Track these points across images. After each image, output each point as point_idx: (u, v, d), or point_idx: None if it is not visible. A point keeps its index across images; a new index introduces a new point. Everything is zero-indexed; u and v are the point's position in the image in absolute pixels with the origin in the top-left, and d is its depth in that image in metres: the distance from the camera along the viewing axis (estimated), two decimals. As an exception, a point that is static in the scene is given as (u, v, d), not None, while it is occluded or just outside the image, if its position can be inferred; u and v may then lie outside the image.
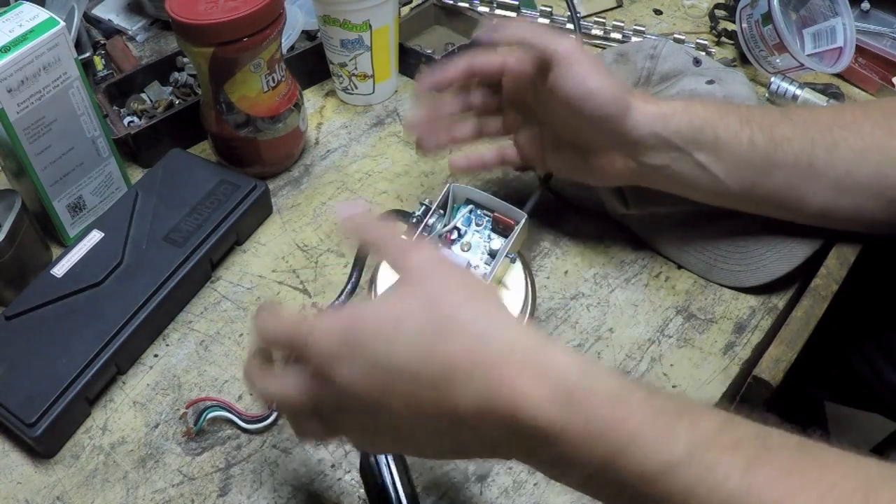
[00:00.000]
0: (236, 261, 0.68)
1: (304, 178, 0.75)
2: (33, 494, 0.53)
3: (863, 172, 0.55)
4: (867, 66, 0.82)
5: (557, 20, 0.89)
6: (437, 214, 0.56)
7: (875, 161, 0.55)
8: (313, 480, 0.53)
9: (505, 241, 0.56)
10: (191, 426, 0.55)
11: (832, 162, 0.55)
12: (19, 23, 0.58)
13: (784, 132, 0.55)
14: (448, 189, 0.56)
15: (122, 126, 0.75)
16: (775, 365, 0.55)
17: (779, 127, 0.55)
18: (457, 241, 0.56)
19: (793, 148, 0.55)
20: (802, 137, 0.55)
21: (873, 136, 0.55)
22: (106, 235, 0.63)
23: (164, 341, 0.62)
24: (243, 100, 0.68)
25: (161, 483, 0.53)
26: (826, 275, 0.60)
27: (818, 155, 0.55)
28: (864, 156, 0.55)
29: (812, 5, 0.82)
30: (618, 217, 0.66)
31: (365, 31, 0.75)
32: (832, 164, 0.55)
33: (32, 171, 0.63)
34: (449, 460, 0.44)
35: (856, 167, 0.55)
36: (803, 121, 0.56)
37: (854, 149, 0.55)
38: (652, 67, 0.67)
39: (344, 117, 0.81)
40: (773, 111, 0.57)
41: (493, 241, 0.56)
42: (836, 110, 0.57)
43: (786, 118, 0.56)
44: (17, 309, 0.59)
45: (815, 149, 0.55)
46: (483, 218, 0.57)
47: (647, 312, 0.62)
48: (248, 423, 0.55)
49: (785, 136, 0.55)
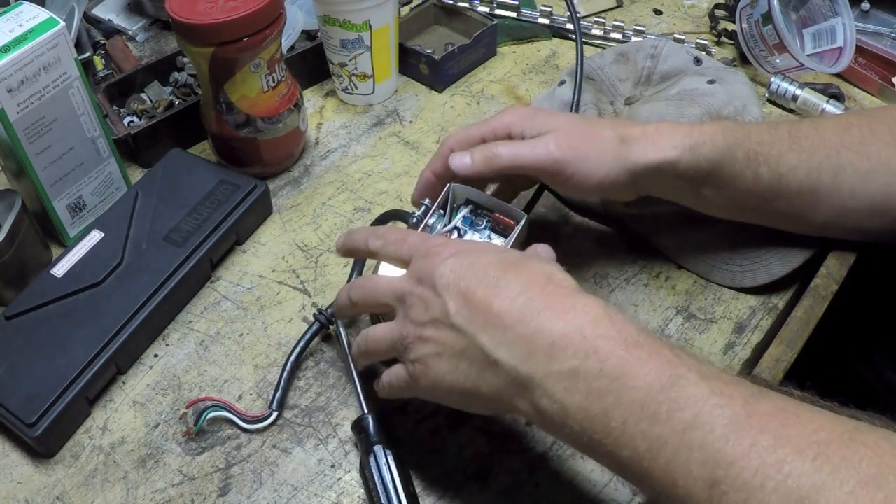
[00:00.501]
0: (236, 261, 0.68)
1: (304, 178, 0.75)
2: (33, 494, 0.53)
3: (868, 192, 0.55)
4: (867, 66, 0.82)
5: (557, 20, 0.89)
6: (437, 214, 0.56)
7: (882, 182, 0.55)
8: (313, 480, 0.53)
9: (505, 242, 0.56)
10: (191, 426, 0.55)
11: (836, 186, 0.55)
12: (19, 23, 0.58)
13: (790, 162, 0.55)
14: (448, 189, 0.56)
15: (122, 126, 0.75)
16: (775, 365, 0.55)
17: (786, 157, 0.55)
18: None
19: (797, 176, 0.55)
20: (808, 164, 0.55)
21: (880, 157, 0.55)
22: (106, 235, 0.63)
23: (164, 341, 0.62)
24: (243, 100, 0.68)
25: (161, 483, 0.53)
26: (826, 275, 0.60)
27: (823, 180, 0.55)
28: (870, 177, 0.55)
29: (812, 5, 0.82)
30: (617, 217, 0.66)
31: (365, 31, 0.75)
32: (836, 188, 0.55)
33: (32, 171, 0.63)
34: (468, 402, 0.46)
35: (861, 188, 0.55)
36: (811, 145, 0.55)
37: (860, 170, 0.55)
38: (652, 67, 0.67)
39: (344, 117, 0.81)
40: (783, 136, 0.55)
41: (493, 241, 0.56)
42: (843, 127, 0.56)
43: (794, 145, 0.55)
44: (17, 309, 0.59)
45: (821, 174, 0.55)
46: (483, 218, 0.57)
47: (647, 312, 0.62)
48: (248, 423, 0.55)
49: (791, 166, 0.55)
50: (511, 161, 0.54)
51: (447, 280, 0.44)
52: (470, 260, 0.45)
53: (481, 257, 0.45)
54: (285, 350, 0.60)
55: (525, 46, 0.89)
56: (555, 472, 0.53)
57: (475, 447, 0.54)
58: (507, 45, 0.89)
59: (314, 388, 0.58)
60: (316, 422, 0.56)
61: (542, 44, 0.89)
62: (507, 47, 0.89)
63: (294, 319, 0.63)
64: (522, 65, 0.87)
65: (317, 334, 0.59)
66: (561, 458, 0.53)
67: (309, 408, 0.57)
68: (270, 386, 0.58)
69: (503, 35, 0.89)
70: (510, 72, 0.86)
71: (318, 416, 0.56)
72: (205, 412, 0.55)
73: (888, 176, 0.55)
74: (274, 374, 0.59)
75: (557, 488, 0.52)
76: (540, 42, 0.90)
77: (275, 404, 0.56)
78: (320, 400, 0.57)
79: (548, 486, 0.52)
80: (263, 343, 0.61)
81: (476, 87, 0.84)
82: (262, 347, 0.61)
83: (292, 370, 0.58)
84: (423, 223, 0.55)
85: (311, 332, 0.59)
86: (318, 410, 0.57)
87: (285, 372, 0.57)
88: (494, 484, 0.52)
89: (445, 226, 0.56)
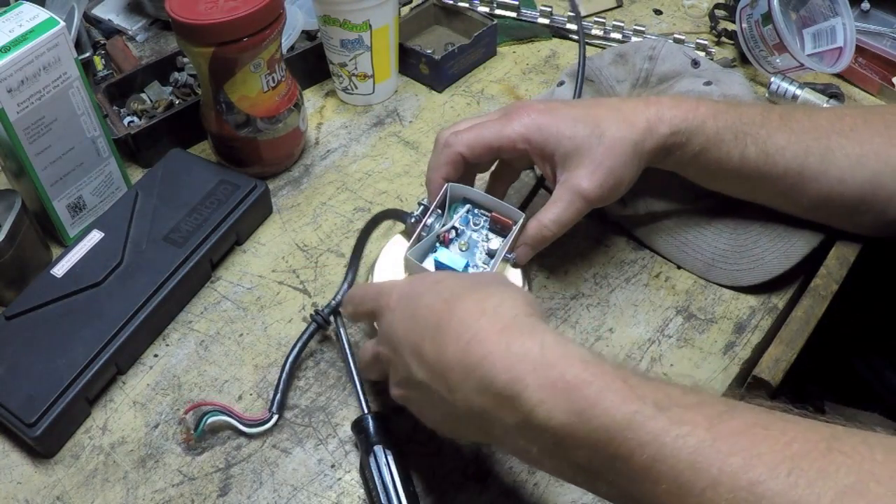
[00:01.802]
0: (236, 261, 0.68)
1: (304, 178, 0.75)
2: (33, 494, 0.53)
3: (857, 180, 0.55)
4: (867, 66, 0.82)
5: (557, 20, 0.89)
6: (434, 214, 0.56)
7: (871, 170, 0.55)
8: (313, 480, 0.53)
9: (503, 241, 0.56)
10: (191, 432, 0.54)
11: (824, 169, 0.55)
12: (19, 23, 0.58)
13: (779, 142, 0.55)
14: (446, 189, 0.56)
15: (122, 126, 0.75)
16: (775, 365, 0.55)
17: (774, 137, 0.55)
18: (454, 240, 0.57)
19: (784, 157, 0.55)
20: (797, 145, 0.55)
21: (872, 144, 0.55)
22: (106, 235, 0.63)
23: (164, 341, 0.62)
24: (243, 100, 0.68)
25: (161, 483, 0.53)
26: (826, 275, 0.60)
27: (810, 162, 0.55)
28: (861, 162, 0.55)
29: (812, 5, 0.82)
30: (615, 218, 0.66)
31: (365, 31, 0.75)
32: (824, 172, 0.55)
33: (32, 171, 0.63)
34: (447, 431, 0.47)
35: (850, 174, 0.55)
36: (801, 127, 0.56)
37: (850, 155, 0.55)
38: (650, 68, 0.67)
39: (344, 117, 0.81)
40: (774, 117, 0.56)
41: (492, 241, 0.56)
42: (836, 115, 0.57)
43: (784, 126, 0.56)
44: (17, 309, 0.59)
45: (808, 157, 0.55)
46: (481, 217, 0.57)
47: (647, 312, 0.62)
48: (248, 427, 0.55)
49: (779, 146, 0.55)
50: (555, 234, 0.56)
51: (398, 337, 0.45)
52: (411, 309, 0.45)
53: (420, 302, 0.45)
54: (285, 350, 0.60)
55: (525, 46, 0.89)
56: (555, 472, 0.53)
57: (475, 447, 0.54)
58: (507, 45, 0.89)
59: (314, 388, 0.58)
60: (316, 422, 0.56)
61: (542, 44, 0.89)
62: (507, 47, 0.89)
63: (294, 319, 0.63)
64: (522, 65, 0.87)
65: (314, 335, 0.59)
66: (561, 458, 0.53)
67: (309, 408, 0.57)
68: (270, 386, 0.58)
69: (503, 35, 0.89)
70: (510, 72, 0.86)
71: (318, 416, 0.56)
72: (204, 417, 0.54)
73: (878, 164, 0.55)
74: (274, 373, 0.59)
75: (557, 488, 0.52)
76: (540, 42, 0.90)
77: (275, 407, 0.56)
78: (320, 400, 0.57)
79: (548, 486, 0.52)
80: (263, 343, 0.61)
81: (476, 87, 0.84)
82: (262, 347, 0.61)
83: (291, 372, 0.58)
84: (421, 223, 0.55)
85: (309, 333, 0.59)
86: (318, 410, 0.57)
87: (284, 374, 0.57)
88: (494, 484, 0.52)
89: (444, 225, 0.56)
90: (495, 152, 0.56)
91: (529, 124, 0.54)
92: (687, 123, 0.54)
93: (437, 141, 0.58)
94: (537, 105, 0.56)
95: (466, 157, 0.56)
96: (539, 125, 0.54)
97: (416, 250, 0.55)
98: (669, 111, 0.55)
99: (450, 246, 0.57)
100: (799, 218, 0.61)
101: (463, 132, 0.56)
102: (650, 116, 0.54)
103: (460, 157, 0.56)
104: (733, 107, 0.56)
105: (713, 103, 0.56)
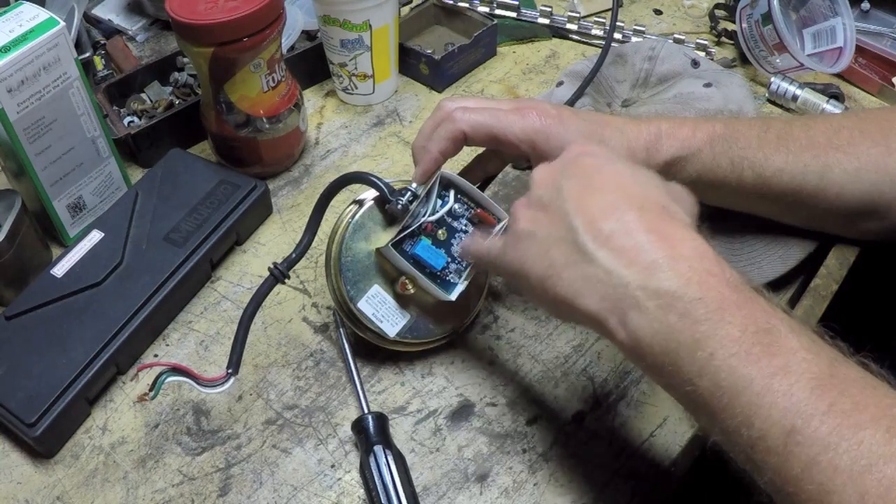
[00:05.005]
0: (236, 261, 0.68)
1: (304, 178, 0.75)
2: (33, 494, 0.53)
3: (855, 192, 0.55)
4: (867, 66, 0.82)
5: (557, 20, 0.89)
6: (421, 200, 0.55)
7: (869, 181, 0.55)
8: (313, 480, 0.53)
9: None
10: (147, 392, 0.51)
11: (822, 187, 0.55)
12: (19, 23, 0.58)
13: (776, 164, 0.55)
14: (437, 177, 0.55)
15: (122, 126, 0.75)
16: (775, 365, 0.55)
17: (771, 160, 0.55)
18: (434, 231, 0.55)
19: (781, 179, 0.56)
20: (794, 165, 0.55)
21: (869, 156, 0.55)
22: (106, 235, 0.63)
23: (164, 341, 0.62)
24: (243, 100, 0.68)
25: (161, 483, 0.53)
26: (826, 275, 0.60)
27: (808, 182, 0.55)
28: (859, 175, 0.55)
29: (812, 5, 0.82)
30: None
31: (365, 31, 0.75)
32: (822, 189, 0.56)
33: (32, 171, 0.63)
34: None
35: (849, 188, 0.55)
36: (798, 146, 0.56)
37: (848, 170, 0.55)
38: (650, 69, 0.67)
39: (344, 117, 0.81)
40: (771, 137, 0.56)
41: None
42: (833, 129, 0.57)
43: (781, 146, 0.56)
44: (17, 309, 0.59)
45: (806, 176, 0.55)
46: (466, 208, 0.56)
47: (647, 312, 0.62)
48: (205, 387, 0.52)
49: (776, 168, 0.55)
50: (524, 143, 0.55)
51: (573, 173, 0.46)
52: (599, 163, 0.46)
53: (607, 166, 0.46)
54: (285, 350, 0.60)
55: (525, 46, 0.89)
56: (555, 472, 0.53)
57: (475, 447, 0.54)
58: (507, 45, 0.89)
59: (314, 388, 0.58)
60: (316, 422, 0.56)
61: (542, 44, 0.89)
62: (507, 47, 0.89)
63: (294, 319, 0.63)
64: (522, 65, 0.87)
65: (272, 288, 0.56)
66: (561, 458, 0.53)
67: (309, 408, 0.57)
68: (271, 386, 0.58)
69: (503, 35, 0.89)
70: (510, 72, 0.86)
71: (318, 416, 0.56)
72: (161, 377, 0.51)
73: (876, 175, 0.55)
74: (274, 373, 0.59)
75: (557, 488, 0.52)
76: (540, 42, 0.90)
77: (231, 366, 0.53)
78: (320, 400, 0.57)
79: (548, 486, 0.52)
80: (263, 343, 0.61)
81: (476, 87, 0.84)
82: (262, 347, 0.61)
83: (246, 328, 0.54)
84: (408, 211, 0.55)
85: (267, 286, 0.55)
86: (318, 410, 0.57)
87: (240, 331, 0.54)
88: (494, 484, 0.52)
89: (429, 214, 0.55)
90: (495, 143, 0.55)
91: (539, 129, 0.54)
92: (683, 152, 0.55)
93: (439, 109, 0.56)
94: (549, 110, 0.55)
95: (468, 137, 0.55)
96: (548, 134, 0.54)
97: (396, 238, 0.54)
98: (667, 140, 0.55)
99: (429, 236, 0.55)
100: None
101: (472, 111, 0.55)
102: (650, 144, 0.55)
103: (463, 136, 0.54)
104: (731, 128, 0.56)
105: (711, 126, 0.56)
